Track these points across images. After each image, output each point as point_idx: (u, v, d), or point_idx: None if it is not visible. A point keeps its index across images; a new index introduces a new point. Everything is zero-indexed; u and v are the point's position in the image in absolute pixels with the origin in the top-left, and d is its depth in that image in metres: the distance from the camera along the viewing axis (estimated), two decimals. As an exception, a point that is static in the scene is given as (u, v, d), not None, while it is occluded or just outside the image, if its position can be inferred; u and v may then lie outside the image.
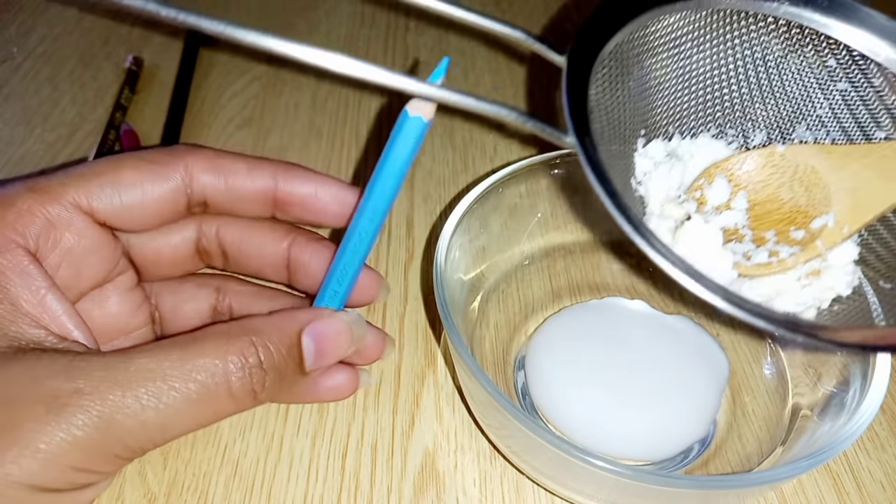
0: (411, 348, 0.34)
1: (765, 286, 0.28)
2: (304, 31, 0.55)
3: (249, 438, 0.30)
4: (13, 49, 0.52)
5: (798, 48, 0.30)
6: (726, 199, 0.30)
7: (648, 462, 0.30)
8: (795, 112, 0.31)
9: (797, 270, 0.28)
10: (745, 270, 0.28)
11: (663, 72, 0.31)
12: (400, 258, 0.38)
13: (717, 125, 0.32)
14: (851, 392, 0.26)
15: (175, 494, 0.28)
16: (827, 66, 0.30)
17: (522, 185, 0.34)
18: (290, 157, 0.44)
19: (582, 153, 0.24)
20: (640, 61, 0.30)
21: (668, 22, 0.29)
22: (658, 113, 0.31)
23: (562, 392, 0.30)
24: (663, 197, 0.30)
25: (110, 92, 0.48)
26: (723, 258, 0.27)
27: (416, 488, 0.29)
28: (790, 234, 0.29)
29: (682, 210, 0.29)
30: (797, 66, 0.30)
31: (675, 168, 0.30)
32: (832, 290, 0.28)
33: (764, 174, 0.30)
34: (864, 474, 0.30)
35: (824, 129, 0.31)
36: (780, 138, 0.31)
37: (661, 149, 0.31)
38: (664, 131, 0.31)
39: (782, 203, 0.30)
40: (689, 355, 0.32)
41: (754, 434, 0.30)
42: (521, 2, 0.59)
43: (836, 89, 0.30)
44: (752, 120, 0.32)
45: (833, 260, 0.28)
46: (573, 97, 0.25)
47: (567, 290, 0.36)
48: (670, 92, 0.31)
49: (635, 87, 0.30)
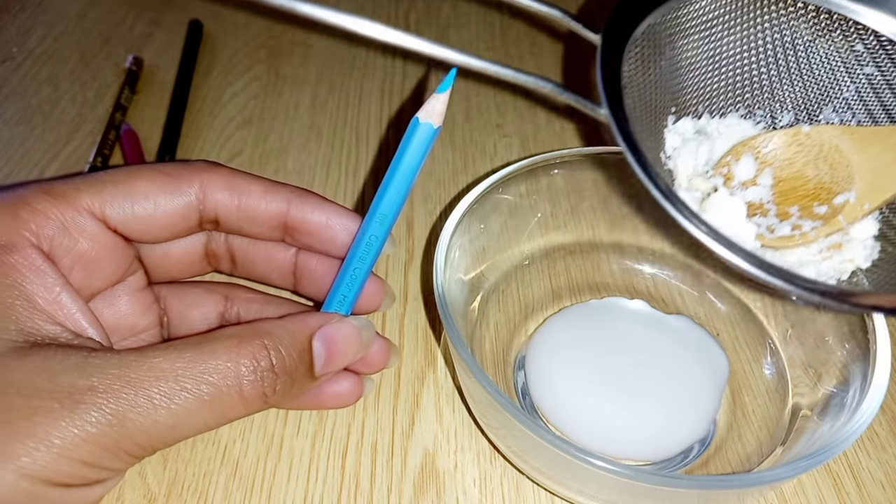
0: (411, 348, 0.34)
1: (787, 257, 0.29)
2: (302, 31, 0.55)
3: (249, 438, 0.30)
4: (13, 49, 0.52)
5: (826, 33, 0.31)
6: (753, 175, 0.30)
7: (648, 462, 0.30)
8: (822, 95, 0.32)
9: (819, 243, 0.29)
10: (768, 242, 0.29)
11: (694, 53, 0.31)
12: (400, 258, 0.38)
13: (745, 105, 0.33)
14: (851, 392, 0.26)
15: (175, 494, 0.28)
16: (854, 51, 0.31)
17: (522, 185, 0.34)
18: (290, 157, 0.44)
19: (615, 125, 0.25)
20: (672, 42, 0.30)
21: (700, 5, 0.30)
22: (688, 92, 0.32)
23: (562, 392, 0.30)
24: (691, 171, 0.30)
25: (110, 92, 0.48)
26: (747, 230, 0.28)
27: (416, 488, 0.29)
28: (813, 209, 0.30)
29: (710, 184, 0.30)
30: (825, 50, 0.31)
31: (704, 144, 0.31)
32: (852, 262, 0.29)
33: (790, 152, 0.31)
34: (864, 474, 0.30)
35: (850, 111, 0.31)
36: (807, 120, 0.32)
37: (690, 126, 0.32)
38: (694, 110, 0.32)
39: (807, 180, 0.30)
40: (689, 355, 0.32)
41: (754, 434, 0.30)
42: (521, 2, 0.59)
43: (863, 73, 0.31)
44: (779, 101, 0.32)
45: (854, 234, 0.29)
46: (607, 73, 0.26)
47: (567, 290, 0.36)
48: (701, 72, 0.32)
49: (667, 67, 0.31)
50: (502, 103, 0.49)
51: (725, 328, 0.34)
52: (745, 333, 0.34)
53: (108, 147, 0.42)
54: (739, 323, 0.34)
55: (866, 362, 0.26)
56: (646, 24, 0.29)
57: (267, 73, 0.51)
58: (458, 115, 0.48)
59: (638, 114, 0.29)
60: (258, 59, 0.52)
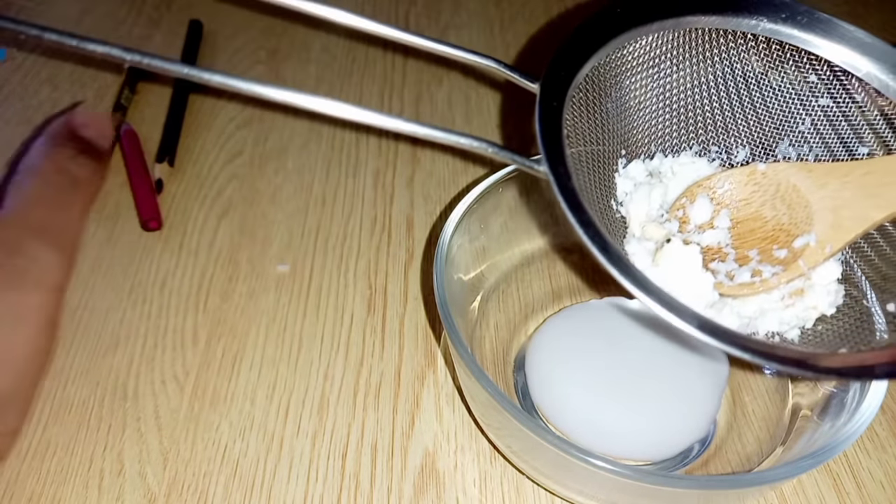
0: (411, 348, 0.34)
1: (748, 306, 0.28)
2: (302, 31, 0.55)
3: (249, 438, 0.30)
4: (13, 49, 0.52)
5: (779, 64, 0.30)
6: (709, 217, 0.30)
7: (648, 462, 0.30)
8: (778, 128, 0.31)
9: (780, 290, 0.28)
10: (727, 291, 0.28)
11: (642, 91, 0.30)
12: (400, 258, 0.38)
13: (699, 142, 0.32)
14: (851, 392, 0.26)
15: (175, 494, 0.28)
16: (808, 82, 0.30)
17: (522, 185, 0.34)
18: (290, 157, 0.44)
19: (555, 182, 0.24)
20: (618, 82, 0.29)
21: (646, 40, 0.29)
22: (638, 132, 0.31)
23: (562, 392, 0.30)
24: (644, 217, 0.29)
25: (110, 92, 0.48)
26: (703, 280, 0.27)
27: (416, 488, 0.29)
28: (773, 253, 0.28)
29: (663, 231, 0.29)
30: (778, 82, 0.30)
31: (657, 188, 0.30)
32: (816, 309, 0.28)
33: (746, 192, 0.30)
34: (864, 474, 0.30)
35: (807, 145, 0.30)
36: (763, 155, 0.31)
37: (641, 169, 0.31)
38: (646, 150, 0.31)
39: (765, 221, 0.29)
40: (689, 355, 0.32)
41: (754, 434, 0.30)
42: (521, 2, 0.59)
43: (818, 105, 0.30)
44: (734, 137, 0.31)
45: (816, 279, 0.28)
46: (546, 125, 0.25)
47: (567, 290, 0.36)
48: (650, 111, 0.31)
49: (613, 109, 0.30)
50: (502, 103, 0.49)
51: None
52: (745, 333, 0.34)
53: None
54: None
55: (866, 362, 0.26)
56: (589, 66, 0.27)
57: (267, 73, 0.51)
58: (458, 116, 0.48)
59: (584, 163, 0.28)
60: (258, 59, 0.52)
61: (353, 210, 0.41)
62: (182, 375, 0.33)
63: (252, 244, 0.39)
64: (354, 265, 0.38)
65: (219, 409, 0.31)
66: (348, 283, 0.37)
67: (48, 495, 0.28)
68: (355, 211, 0.41)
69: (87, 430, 0.30)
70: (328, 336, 0.35)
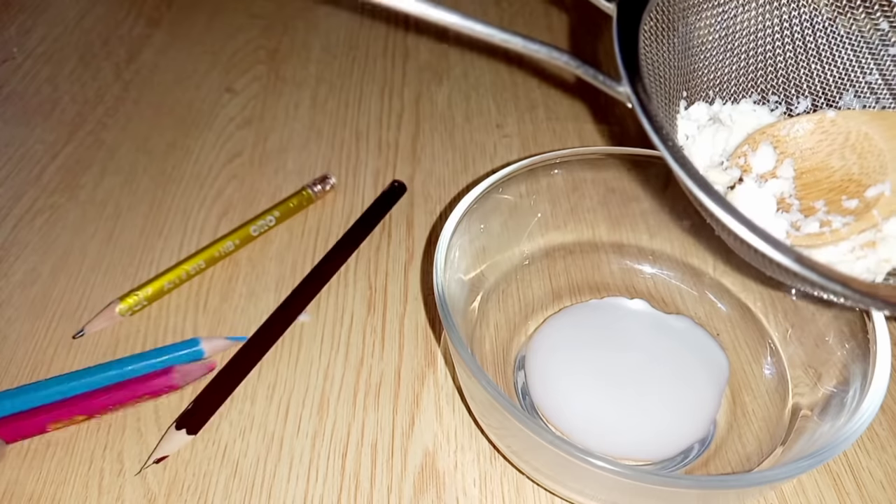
0: (411, 348, 0.34)
1: (816, 258, 0.26)
2: (302, 31, 0.55)
3: (249, 438, 0.30)
4: (13, 49, 0.52)
5: (848, 10, 0.29)
6: (772, 166, 0.28)
7: (648, 462, 0.29)
8: (843, 78, 0.29)
9: (851, 241, 0.26)
10: (796, 240, 0.26)
11: (707, 31, 0.29)
12: (400, 258, 0.38)
13: (759, 91, 0.30)
14: (851, 392, 0.26)
15: (175, 494, 0.28)
16: (879, 30, 0.28)
17: (522, 185, 0.34)
18: (290, 157, 0.44)
19: (637, 103, 0.23)
20: (684, 17, 0.28)
21: None
22: (700, 75, 0.30)
23: (562, 392, 0.30)
24: (707, 162, 0.28)
25: (110, 92, 0.48)
26: (777, 224, 0.26)
27: (416, 488, 0.29)
28: (842, 204, 0.27)
29: (727, 176, 0.27)
30: (847, 29, 0.29)
31: (720, 132, 0.29)
32: (888, 262, 0.26)
33: (813, 141, 0.28)
34: (864, 474, 0.30)
35: (874, 96, 0.29)
36: (826, 106, 0.30)
37: (704, 112, 0.29)
38: (705, 94, 0.30)
39: (833, 171, 0.28)
40: (689, 355, 0.32)
41: (754, 434, 0.30)
42: (521, 2, 0.59)
43: (889, 54, 0.29)
44: (796, 86, 0.30)
45: (890, 231, 0.27)
46: (625, 46, 0.24)
47: (567, 290, 0.36)
48: (713, 53, 0.30)
49: (679, 45, 0.28)
50: (502, 103, 0.49)
51: (725, 328, 0.34)
52: (745, 333, 0.34)
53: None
54: (739, 323, 0.34)
55: (866, 362, 0.26)
56: None
57: (267, 73, 0.51)
58: (458, 116, 0.48)
59: (653, 95, 0.26)
60: (258, 59, 0.52)
61: (353, 210, 0.41)
62: (182, 375, 0.33)
63: (252, 244, 0.39)
64: (354, 265, 0.38)
65: (218, 408, 0.31)
66: (348, 283, 0.37)
67: (48, 495, 0.28)
68: (355, 211, 0.41)
69: (87, 430, 0.31)
70: (328, 336, 0.35)
